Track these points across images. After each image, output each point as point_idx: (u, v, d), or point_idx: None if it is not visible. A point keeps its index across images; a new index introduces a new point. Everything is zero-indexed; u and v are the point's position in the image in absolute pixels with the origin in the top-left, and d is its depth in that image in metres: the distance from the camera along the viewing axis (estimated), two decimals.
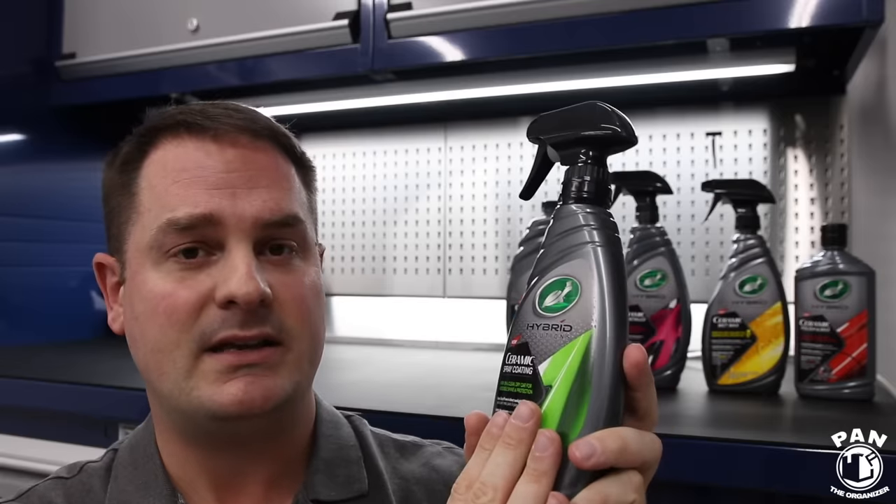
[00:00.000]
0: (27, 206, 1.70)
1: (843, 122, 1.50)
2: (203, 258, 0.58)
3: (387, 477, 0.67)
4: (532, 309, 0.46)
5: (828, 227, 1.10)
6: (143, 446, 0.64)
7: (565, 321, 0.45)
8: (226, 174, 0.59)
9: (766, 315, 1.11)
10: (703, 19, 1.18)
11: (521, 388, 0.46)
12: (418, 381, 1.32)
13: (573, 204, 0.47)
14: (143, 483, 0.62)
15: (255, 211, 0.59)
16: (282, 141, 0.64)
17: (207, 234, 0.58)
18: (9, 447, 1.28)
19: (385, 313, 1.88)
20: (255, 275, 0.57)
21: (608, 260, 0.45)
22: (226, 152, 0.60)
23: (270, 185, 0.61)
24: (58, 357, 1.57)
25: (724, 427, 0.96)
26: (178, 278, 0.58)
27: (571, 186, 0.47)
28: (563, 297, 0.45)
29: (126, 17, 1.66)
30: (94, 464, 0.66)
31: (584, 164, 0.47)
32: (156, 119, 0.63)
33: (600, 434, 0.42)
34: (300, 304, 0.60)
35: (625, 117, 0.47)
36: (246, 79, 1.54)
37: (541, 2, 1.26)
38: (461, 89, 1.56)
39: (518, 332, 0.47)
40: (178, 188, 0.59)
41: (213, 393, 0.57)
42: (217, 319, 0.57)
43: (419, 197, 1.87)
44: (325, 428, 0.67)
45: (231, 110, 0.63)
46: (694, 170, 1.60)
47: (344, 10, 1.42)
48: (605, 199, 0.47)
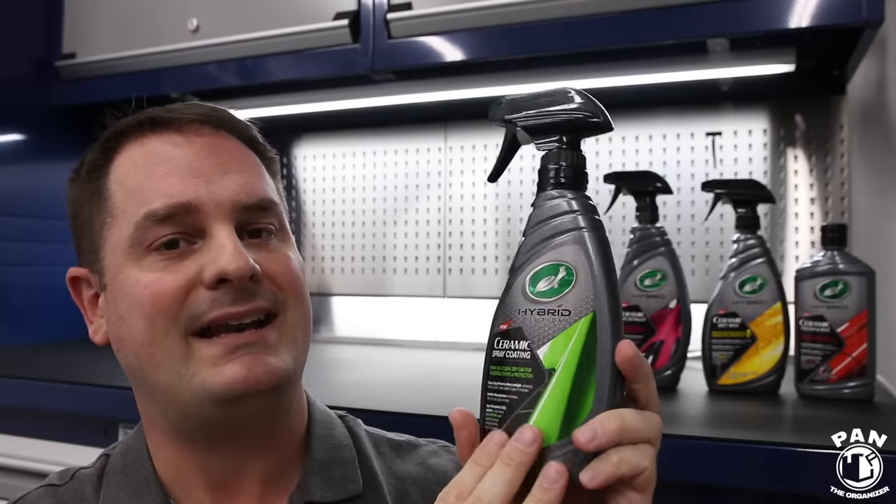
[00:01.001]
0: (27, 206, 1.70)
1: (843, 122, 1.50)
2: (185, 248, 0.58)
3: (382, 477, 0.67)
4: (522, 294, 0.47)
5: (828, 227, 1.10)
6: (135, 452, 0.64)
7: (563, 305, 0.45)
8: (197, 162, 0.59)
9: (766, 315, 1.11)
10: (703, 19, 1.18)
11: (519, 373, 0.46)
12: (418, 381, 1.32)
13: (554, 189, 0.48)
14: (135, 489, 0.62)
15: (231, 195, 0.59)
16: (243, 131, 0.65)
17: (187, 222, 0.58)
18: (9, 447, 1.28)
19: (385, 313, 1.88)
20: (242, 250, 0.57)
21: (599, 244, 0.46)
22: (193, 142, 0.61)
23: (241, 170, 0.61)
24: (58, 357, 1.58)
25: (724, 427, 0.96)
26: (160, 268, 0.57)
27: (550, 173, 0.48)
28: (557, 283, 0.46)
29: (126, 17, 1.66)
30: (85, 470, 0.65)
31: (561, 150, 0.48)
32: (118, 125, 0.63)
33: (601, 417, 0.43)
34: (290, 274, 0.61)
35: (598, 102, 0.47)
36: (246, 79, 1.54)
37: (541, 2, 1.26)
38: (461, 89, 1.55)
39: (508, 317, 0.47)
40: (151, 182, 0.59)
41: (214, 375, 0.56)
42: (206, 300, 0.57)
43: (419, 197, 1.87)
44: (319, 428, 0.67)
45: (188, 105, 0.63)
46: (694, 170, 1.60)
47: (344, 10, 1.42)
48: (583, 183, 0.48)
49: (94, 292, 0.64)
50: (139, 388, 0.62)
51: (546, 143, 0.49)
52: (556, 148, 0.48)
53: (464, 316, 1.77)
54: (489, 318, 0.50)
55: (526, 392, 0.46)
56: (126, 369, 0.62)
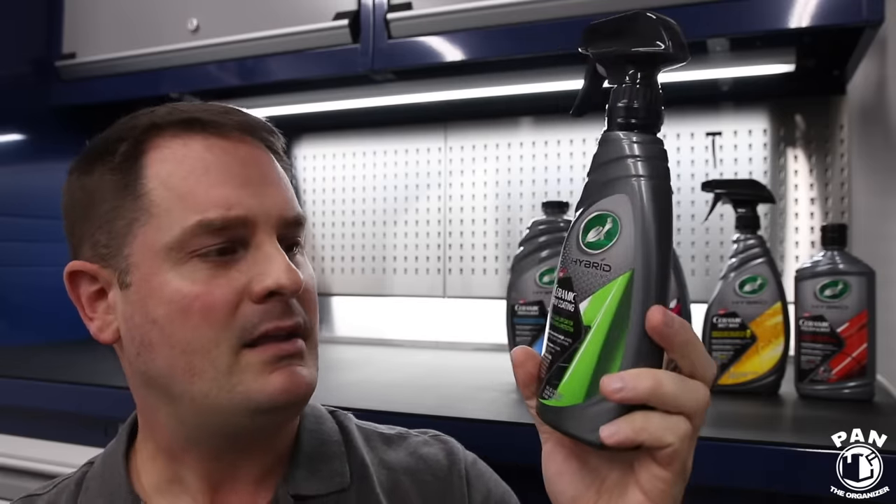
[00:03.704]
0: (27, 206, 1.70)
1: (843, 122, 1.50)
2: (230, 258, 0.58)
3: (373, 469, 0.67)
4: (576, 243, 0.45)
5: (828, 227, 1.10)
6: (113, 456, 0.65)
7: (605, 260, 0.43)
8: (245, 172, 0.59)
9: (766, 315, 1.11)
10: (703, 19, 1.17)
11: (563, 324, 0.45)
12: (418, 381, 1.32)
13: (618, 130, 0.44)
14: (109, 494, 0.62)
15: (279, 209, 0.60)
16: (273, 143, 0.65)
17: (238, 233, 0.58)
18: (9, 447, 1.28)
19: (385, 313, 1.88)
20: (292, 265, 0.58)
21: (651, 195, 0.43)
22: (239, 150, 0.60)
23: (279, 183, 0.62)
24: (58, 357, 1.57)
25: (724, 427, 0.96)
26: (206, 276, 0.57)
27: (616, 111, 0.44)
28: (603, 235, 0.43)
29: (126, 17, 1.66)
30: (67, 480, 0.66)
31: (631, 86, 0.44)
32: (151, 117, 0.62)
33: (634, 371, 0.42)
34: (312, 297, 0.63)
35: (677, 29, 0.43)
36: (246, 79, 1.54)
37: (541, 2, 1.26)
38: (461, 89, 1.55)
39: (564, 265, 0.46)
40: (203, 189, 0.58)
41: (260, 385, 0.57)
42: (257, 313, 0.57)
43: (419, 197, 1.87)
44: (308, 423, 0.68)
45: (224, 109, 0.63)
46: (694, 170, 1.60)
47: (344, 10, 1.42)
48: (654, 124, 0.44)
49: (100, 288, 0.62)
50: (154, 394, 0.61)
51: (615, 77, 0.45)
52: (625, 83, 0.44)
53: (464, 316, 1.76)
54: (489, 319, 0.50)
55: (566, 345, 0.44)
56: (143, 373, 0.60)
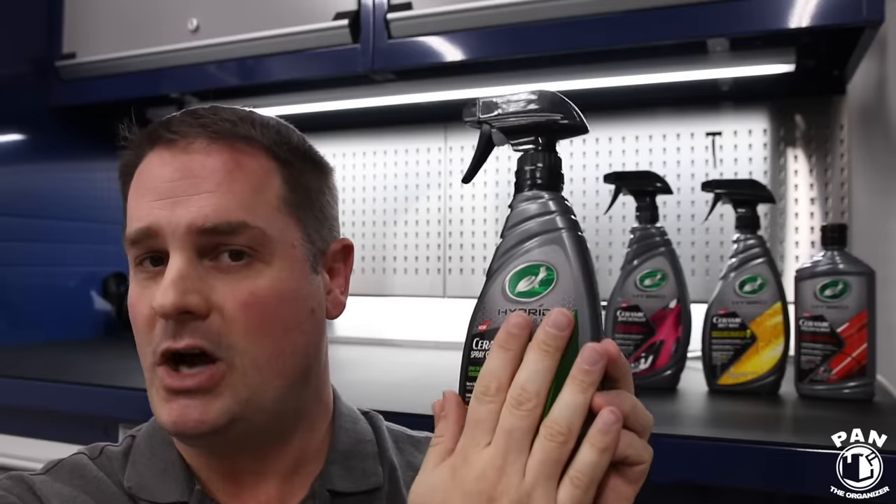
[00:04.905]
0: (27, 206, 1.70)
1: (843, 122, 1.50)
2: (160, 269, 0.58)
3: (400, 471, 0.68)
4: (502, 294, 0.47)
5: (828, 227, 1.10)
6: (161, 436, 0.64)
7: (543, 305, 0.45)
8: (170, 183, 0.58)
9: (766, 315, 1.11)
10: (703, 19, 1.18)
11: None
12: (418, 381, 1.32)
13: (532, 190, 0.48)
14: (161, 469, 0.62)
15: (189, 218, 0.56)
16: (256, 139, 0.61)
17: (152, 245, 0.58)
18: (9, 447, 1.28)
19: (385, 313, 1.88)
20: (176, 285, 0.55)
21: (578, 245, 0.46)
22: (176, 160, 0.59)
23: (215, 189, 0.58)
24: (58, 357, 1.57)
25: (724, 427, 0.96)
26: (141, 288, 0.59)
27: (526, 174, 0.48)
28: (538, 283, 0.46)
29: (126, 17, 1.66)
30: (113, 448, 0.66)
31: (537, 152, 0.48)
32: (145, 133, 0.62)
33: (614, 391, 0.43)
34: (246, 314, 0.57)
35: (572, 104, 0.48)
36: (246, 79, 1.54)
37: (541, 2, 1.26)
38: (461, 89, 1.55)
39: (487, 317, 0.47)
40: (133, 202, 0.60)
41: (159, 412, 0.58)
42: (160, 331, 0.57)
43: (419, 197, 1.87)
44: (343, 421, 0.68)
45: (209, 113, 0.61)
46: (694, 170, 1.60)
47: (344, 10, 1.42)
48: (559, 183, 0.48)
49: None
50: None
51: (522, 145, 0.49)
52: (533, 150, 0.48)
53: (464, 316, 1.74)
54: None
55: None
56: None
